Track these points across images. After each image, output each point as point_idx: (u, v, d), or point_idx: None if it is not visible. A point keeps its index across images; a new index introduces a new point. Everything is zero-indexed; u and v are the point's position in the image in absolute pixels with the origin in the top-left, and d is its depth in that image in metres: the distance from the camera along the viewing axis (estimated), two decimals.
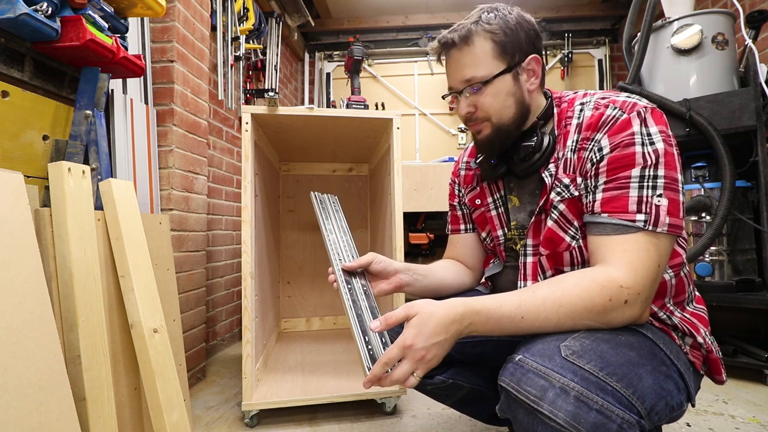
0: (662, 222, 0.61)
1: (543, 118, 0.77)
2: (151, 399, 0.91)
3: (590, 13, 3.32)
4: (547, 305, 0.59)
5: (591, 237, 0.66)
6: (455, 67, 0.76)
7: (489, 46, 0.73)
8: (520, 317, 0.59)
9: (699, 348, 0.69)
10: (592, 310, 0.59)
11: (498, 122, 0.76)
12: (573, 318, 0.59)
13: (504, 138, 0.77)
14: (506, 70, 0.74)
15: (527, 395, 0.53)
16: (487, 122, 0.77)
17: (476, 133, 0.80)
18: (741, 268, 1.57)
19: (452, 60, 0.77)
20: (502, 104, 0.75)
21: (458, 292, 0.93)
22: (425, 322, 0.58)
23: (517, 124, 0.76)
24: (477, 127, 0.79)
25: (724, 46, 1.61)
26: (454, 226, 0.99)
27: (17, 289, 0.67)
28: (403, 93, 3.53)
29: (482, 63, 0.73)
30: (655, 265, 0.61)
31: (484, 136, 0.78)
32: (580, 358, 0.54)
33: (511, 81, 0.74)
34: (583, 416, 0.49)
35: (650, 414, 0.53)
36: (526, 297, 0.60)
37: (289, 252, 2.12)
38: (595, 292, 0.58)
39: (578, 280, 0.60)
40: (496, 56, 0.73)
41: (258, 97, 2.41)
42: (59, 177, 0.84)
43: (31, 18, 0.82)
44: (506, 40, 0.73)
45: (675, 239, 0.64)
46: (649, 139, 0.63)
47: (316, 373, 1.43)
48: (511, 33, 0.73)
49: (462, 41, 0.74)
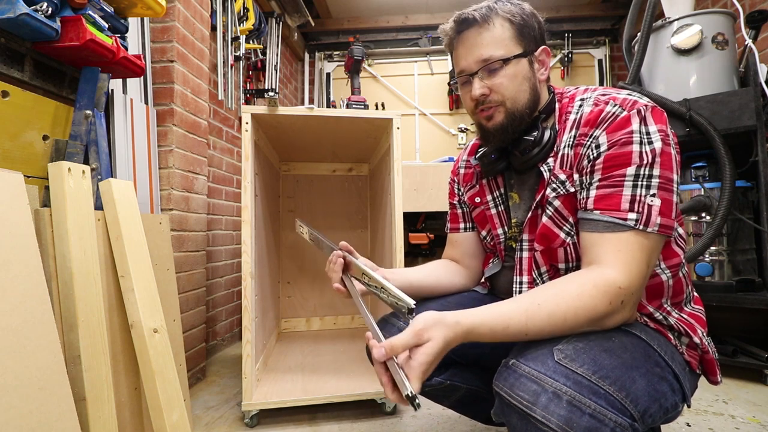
0: (653, 222, 0.60)
1: (545, 113, 0.77)
2: (151, 399, 0.91)
3: (590, 13, 3.32)
4: (553, 320, 0.58)
5: (583, 233, 0.66)
6: (471, 47, 0.73)
7: (508, 28, 0.72)
8: (525, 334, 0.58)
9: (695, 348, 0.69)
10: (594, 317, 0.58)
11: (512, 107, 0.73)
12: (574, 327, 0.59)
13: (517, 125, 0.74)
14: (523, 54, 0.73)
15: (520, 400, 0.53)
16: (500, 107, 0.74)
17: (487, 120, 0.76)
18: (741, 268, 1.57)
19: (468, 39, 0.74)
20: (518, 88, 0.73)
21: (449, 293, 0.92)
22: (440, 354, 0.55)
23: (529, 112, 0.75)
24: (488, 113, 0.75)
25: (724, 46, 1.61)
26: (454, 224, 0.98)
27: (17, 289, 0.67)
28: (403, 93, 3.53)
29: (501, 43, 0.72)
30: (646, 266, 0.61)
31: (497, 122, 0.75)
32: (572, 362, 0.54)
33: (527, 66, 0.74)
34: (575, 420, 0.49)
35: (644, 417, 0.53)
36: (533, 313, 0.58)
37: (289, 252, 2.12)
38: (598, 300, 0.58)
39: (580, 288, 0.59)
40: (515, 39, 0.72)
41: (258, 97, 2.40)
42: (59, 177, 0.84)
43: (31, 18, 0.82)
44: (524, 25, 0.73)
45: (664, 239, 0.64)
46: (648, 138, 0.63)
47: (316, 373, 1.43)
48: (527, 19, 0.73)
49: (482, 20, 0.72)
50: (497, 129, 0.75)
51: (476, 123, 0.80)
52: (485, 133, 0.78)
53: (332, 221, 2.15)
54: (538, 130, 0.74)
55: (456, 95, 3.41)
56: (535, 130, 0.74)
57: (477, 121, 0.79)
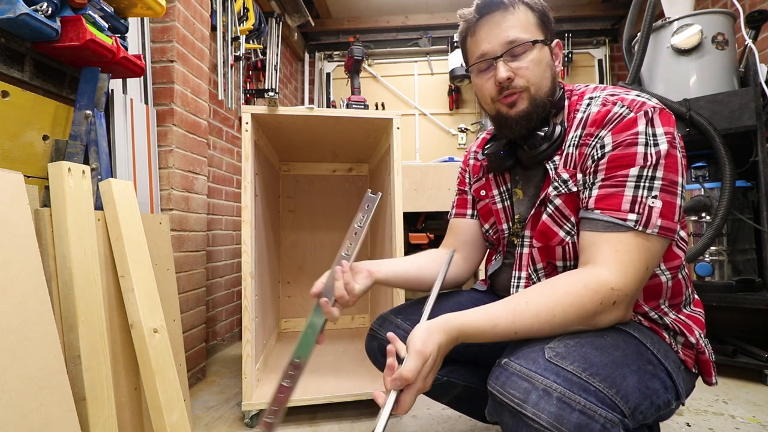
0: (653, 224, 0.60)
1: (555, 108, 0.76)
2: (151, 399, 0.91)
3: (590, 13, 3.32)
4: (541, 317, 0.59)
5: (582, 232, 0.66)
6: (496, 29, 0.72)
7: (531, 14, 0.73)
8: (514, 332, 0.59)
9: (691, 347, 0.69)
10: (583, 315, 0.59)
11: (536, 93, 0.72)
12: (565, 325, 0.59)
13: (540, 112, 0.73)
14: (545, 42, 0.73)
15: (511, 398, 0.53)
16: (524, 92, 0.72)
17: (509, 107, 0.73)
18: (741, 268, 1.57)
19: (492, 22, 0.72)
20: (543, 74, 0.72)
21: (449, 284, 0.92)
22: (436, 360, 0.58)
23: (549, 102, 0.74)
24: (512, 99, 0.72)
25: (724, 46, 1.61)
26: (460, 209, 0.96)
27: (17, 289, 0.67)
28: (403, 93, 3.52)
29: (526, 27, 0.72)
30: (644, 268, 0.60)
31: (521, 109, 0.72)
32: (563, 360, 0.54)
33: (549, 54, 0.74)
34: (566, 417, 0.49)
35: (634, 413, 0.53)
36: (520, 311, 0.59)
37: (289, 252, 2.12)
38: (588, 298, 0.58)
39: (570, 287, 0.59)
40: (537, 26, 0.73)
41: (258, 97, 2.40)
42: (59, 177, 0.84)
43: (31, 18, 0.82)
44: (544, 14, 0.74)
45: (667, 242, 0.63)
46: (654, 139, 0.62)
47: (316, 373, 1.43)
48: (545, 10, 0.74)
49: (509, 3, 0.72)
50: (521, 116, 0.73)
51: (495, 114, 0.77)
52: (506, 121, 0.75)
53: (332, 221, 2.15)
54: (549, 125, 0.73)
55: (456, 95, 3.41)
56: (546, 124, 0.74)
57: (496, 110, 0.76)
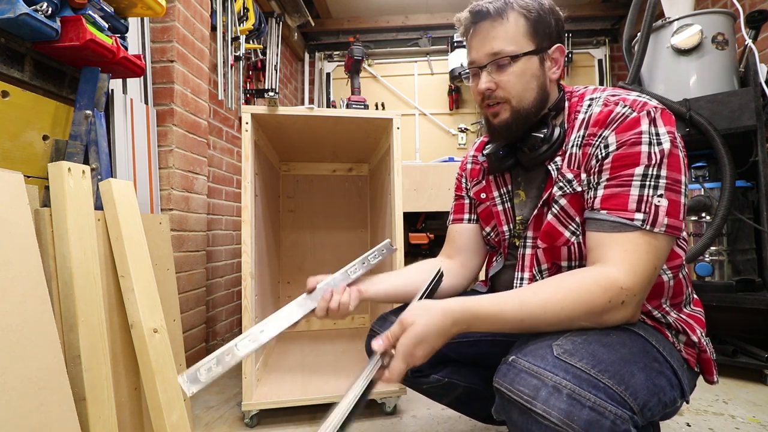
0: (660, 222, 0.60)
1: (554, 110, 0.77)
2: (151, 399, 0.91)
3: (590, 13, 3.32)
4: (548, 308, 0.59)
5: (589, 233, 0.66)
6: (483, 40, 0.73)
7: (522, 23, 0.72)
8: (521, 320, 0.59)
9: (693, 346, 0.69)
10: (591, 312, 0.59)
11: (518, 105, 0.73)
12: (572, 320, 0.59)
13: (522, 123, 0.74)
14: (535, 52, 0.72)
15: (520, 395, 0.53)
16: (506, 104, 0.74)
17: (492, 116, 0.76)
18: (741, 268, 1.57)
19: (481, 31, 0.73)
20: (526, 86, 0.73)
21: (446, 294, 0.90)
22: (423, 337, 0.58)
23: (536, 111, 0.74)
24: (494, 109, 0.75)
25: (724, 46, 1.61)
26: (458, 215, 0.96)
27: (17, 289, 0.67)
28: (403, 93, 3.52)
29: (513, 39, 0.71)
30: (653, 267, 0.61)
31: (502, 120, 0.75)
32: (572, 357, 0.54)
33: (538, 64, 0.73)
34: (576, 414, 0.49)
35: (643, 410, 0.53)
36: (527, 299, 0.60)
37: (289, 252, 2.12)
38: (597, 294, 0.58)
39: (580, 282, 0.60)
40: (528, 35, 0.72)
41: (258, 97, 2.40)
42: (59, 177, 0.84)
43: (31, 18, 0.82)
44: (539, 21, 0.72)
45: (673, 240, 0.63)
46: (657, 139, 0.63)
47: (316, 373, 1.43)
48: (544, 15, 0.73)
49: (496, 13, 0.71)
50: (502, 127, 0.76)
51: (484, 118, 0.81)
52: (491, 128, 0.79)
53: (332, 221, 2.15)
54: (547, 127, 0.74)
55: (456, 95, 3.42)
56: (544, 127, 0.74)
57: (484, 115, 0.79)
